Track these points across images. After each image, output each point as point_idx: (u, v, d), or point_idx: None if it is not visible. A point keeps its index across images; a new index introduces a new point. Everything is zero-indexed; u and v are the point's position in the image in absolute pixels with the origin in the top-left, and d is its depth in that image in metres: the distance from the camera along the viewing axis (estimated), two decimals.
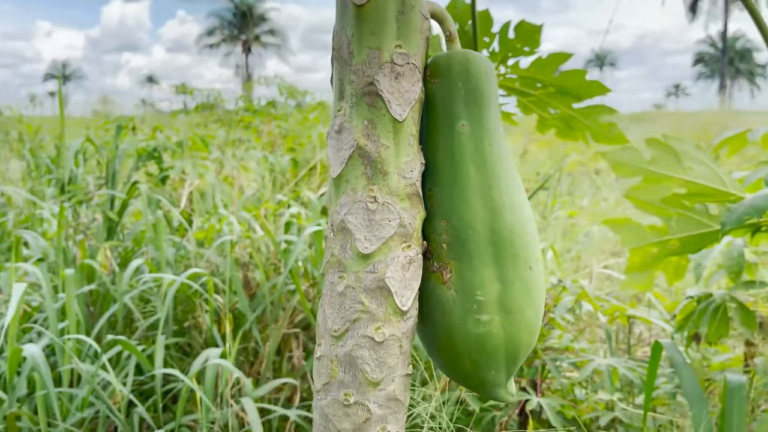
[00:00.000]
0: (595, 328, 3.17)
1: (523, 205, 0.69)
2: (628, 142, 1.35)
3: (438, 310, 0.68)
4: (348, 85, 0.63)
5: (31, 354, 2.06)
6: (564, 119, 1.35)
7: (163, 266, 2.84)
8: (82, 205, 3.55)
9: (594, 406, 2.01)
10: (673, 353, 1.60)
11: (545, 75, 1.27)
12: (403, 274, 0.63)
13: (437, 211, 0.68)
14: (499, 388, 0.69)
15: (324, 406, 0.62)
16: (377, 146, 0.62)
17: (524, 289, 0.67)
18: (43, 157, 5.44)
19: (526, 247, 0.68)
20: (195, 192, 3.65)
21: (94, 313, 2.83)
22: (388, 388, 0.62)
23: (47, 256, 2.99)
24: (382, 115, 0.62)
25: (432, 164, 0.69)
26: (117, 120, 3.72)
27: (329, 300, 0.63)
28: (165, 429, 2.01)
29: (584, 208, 5.43)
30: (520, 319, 0.67)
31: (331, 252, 0.64)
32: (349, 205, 0.63)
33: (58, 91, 3.71)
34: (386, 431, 0.62)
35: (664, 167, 1.39)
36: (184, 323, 2.87)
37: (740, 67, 67.09)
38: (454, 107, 0.68)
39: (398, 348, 0.63)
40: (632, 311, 2.19)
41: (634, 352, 2.76)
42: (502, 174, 0.68)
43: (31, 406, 2.23)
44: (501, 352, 0.67)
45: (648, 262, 1.63)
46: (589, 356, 2.04)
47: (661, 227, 1.56)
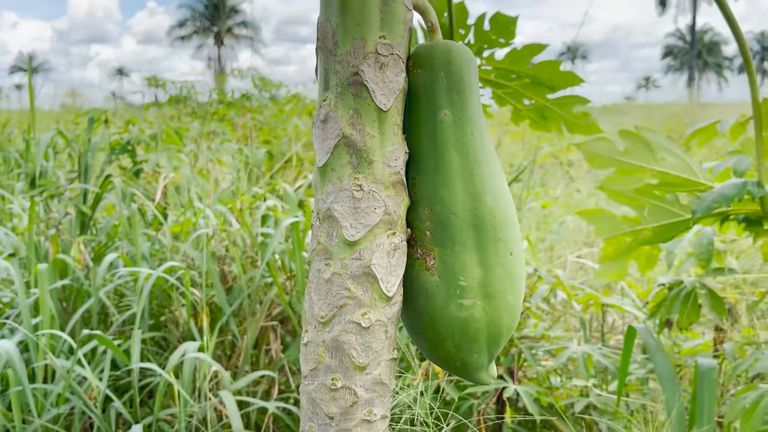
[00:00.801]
0: (569, 317, 3.22)
1: (503, 191, 0.71)
2: (601, 132, 1.37)
3: (422, 295, 0.69)
4: (333, 75, 0.64)
5: (6, 350, 2.03)
6: (538, 110, 1.37)
7: (138, 260, 2.81)
8: (54, 199, 3.49)
9: (569, 393, 2.05)
10: (646, 338, 1.64)
11: (520, 66, 1.29)
12: (388, 261, 0.64)
13: (421, 199, 0.70)
14: (481, 370, 0.71)
15: (311, 391, 0.63)
16: (362, 135, 0.63)
17: (505, 273, 0.69)
18: (11, 151, 5.34)
19: (507, 231, 0.70)
20: (170, 185, 3.61)
21: (68, 309, 2.80)
22: (374, 372, 0.63)
23: (18, 252, 2.94)
24: (367, 104, 0.63)
25: (415, 153, 0.70)
26: (89, 112, 3.67)
27: (316, 287, 0.64)
28: (143, 424, 2.00)
29: (557, 200, 5.50)
30: (502, 303, 0.69)
31: (317, 240, 0.65)
32: (335, 193, 0.64)
33: (28, 83, 3.64)
34: (372, 414, 0.63)
35: (637, 158, 1.43)
36: (160, 318, 2.85)
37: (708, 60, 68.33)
38: (436, 97, 0.70)
39: (384, 333, 0.64)
40: (606, 299, 2.24)
41: (607, 340, 2.82)
42: (484, 161, 0.70)
43: (4, 403, 2.20)
44: (483, 335, 0.69)
45: (621, 251, 1.66)
46: (564, 344, 2.08)
47: (634, 217, 1.59)
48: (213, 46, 65.40)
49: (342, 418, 0.62)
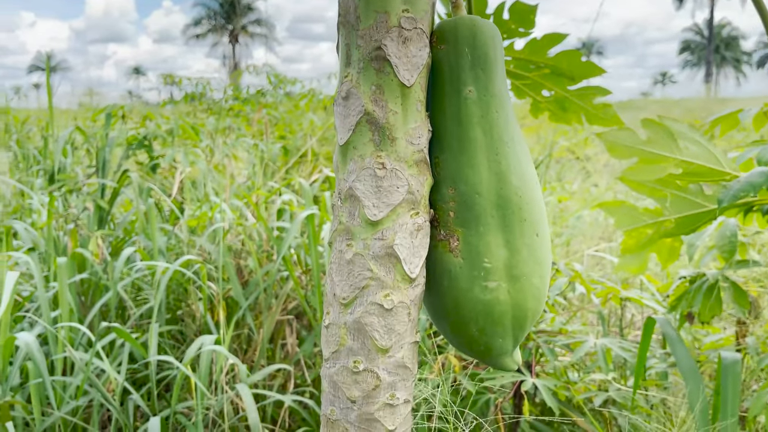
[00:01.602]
0: (587, 312, 3.19)
1: (529, 171, 0.69)
2: (622, 124, 1.35)
3: (445, 277, 0.68)
4: (355, 50, 0.63)
5: (25, 342, 2.05)
6: (558, 101, 1.35)
7: (155, 255, 2.83)
8: (72, 194, 3.52)
9: (588, 387, 2.03)
10: (666, 329, 1.62)
11: (539, 56, 1.27)
12: (411, 241, 0.63)
13: (444, 178, 0.68)
14: (505, 355, 0.69)
15: (333, 374, 0.62)
16: (385, 112, 0.62)
17: (531, 255, 0.68)
18: (30, 148, 5.39)
19: (533, 212, 0.68)
20: (186, 180, 3.62)
21: (86, 303, 2.81)
22: (397, 355, 0.62)
23: (38, 246, 2.97)
24: (390, 80, 0.62)
25: (439, 132, 0.68)
26: (107, 108, 3.69)
27: (337, 268, 0.63)
28: (160, 416, 2.01)
29: (574, 194, 5.45)
30: (527, 286, 0.68)
31: (339, 220, 0.64)
32: (357, 171, 0.62)
33: (47, 82, 3.67)
34: (395, 398, 0.62)
35: (660, 147, 1.40)
36: (176, 311, 2.86)
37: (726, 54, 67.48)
38: (460, 73, 0.68)
39: (407, 315, 0.63)
40: (625, 293, 2.21)
41: (626, 335, 2.78)
42: (509, 139, 0.68)
43: (24, 396, 2.22)
44: (508, 318, 0.67)
45: (642, 243, 1.64)
46: (582, 338, 2.05)
47: (655, 209, 1.57)
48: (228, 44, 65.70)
49: (364, 401, 0.61)
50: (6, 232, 2.78)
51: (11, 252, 2.61)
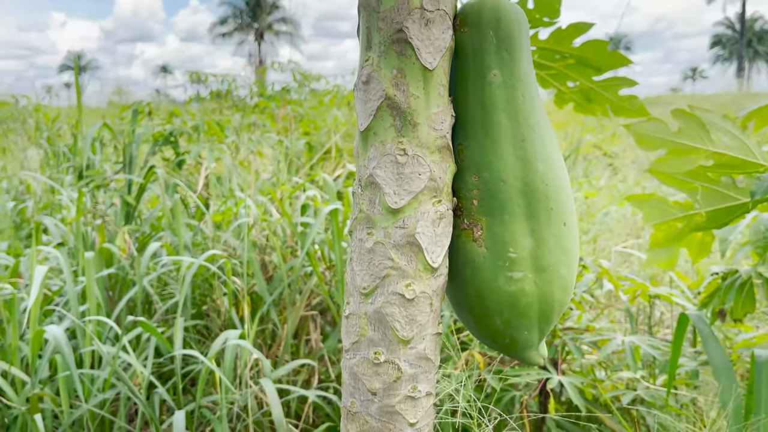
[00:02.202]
0: (614, 309, 3.14)
1: (556, 158, 0.67)
2: (649, 115, 1.32)
3: (468, 267, 0.66)
4: (376, 33, 0.61)
5: (54, 335, 2.08)
6: (583, 92, 1.32)
7: (180, 250, 2.85)
8: (100, 190, 3.57)
9: (615, 385, 1.99)
10: (699, 325, 1.57)
11: (564, 46, 1.24)
12: (433, 230, 0.61)
13: (467, 166, 0.66)
14: (530, 349, 0.67)
15: (353, 366, 0.61)
16: (406, 96, 0.60)
17: (558, 245, 0.65)
18: (60, 145, 5.48)
19: (560, 200, 0.66)
20: (211, 176, 3.65)
21: (114, 297, 2.85)
22: (418, 347, 0.61)
23: (67, 242, 3.01)
24: (412, 63, 0.60)
25: (462, 117, 0.67)
26: (133, 105, 3.73)
27: (358, 257, 0.62)
28: (185, 410, 2.02)
29: (601, 189, 5.38)
30: (554, 277, 0.65)
31: (359, 208, 0.62)
32: (377, 158, 0.61)
33: (75, 79, 3.72)
34: (417, 391, 0.61)
35: (691, 138, 1.36)
36: (202, 306, 2.88)
37: (759, 49, 65.99)
38: (484, 56, 0.66)
39: (429, 306, 0.61)
40: (655, 290, 2.16)
41: (655, 333, 2.73)
42: (535, 125, 0.66)
43: (53, 389, 2.25)
44: (534, 310, 0.65)
45: (672, 237, 1.60)
46: (609, 335, 2.02)
47: (685, 202, 1.53)
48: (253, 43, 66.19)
49: (385, 393, 0.59)
50: (36, 227, 2.82)
51: (41, 247, 2.65)
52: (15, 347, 2.19)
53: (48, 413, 2.16)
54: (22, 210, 3.83)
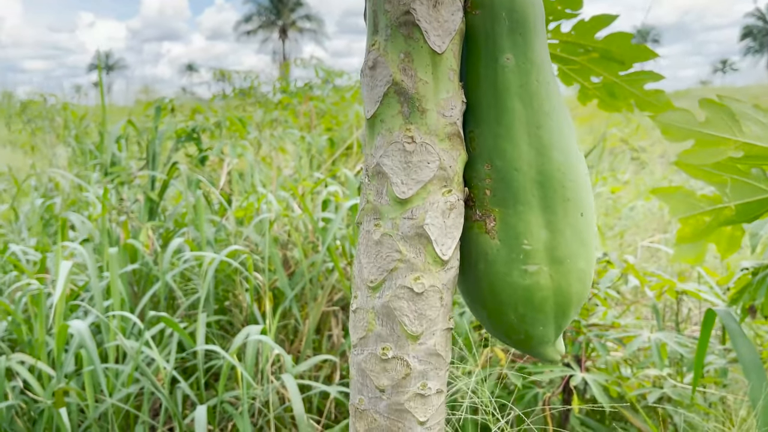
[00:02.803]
0: (640, 306, 3.08)
1: (573, 146, 0.64)
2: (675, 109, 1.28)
3: (481, 260, 0.63)
4: (382, 16, 0.59)
5: (78, 330, 2.10)
6: (607, 87, 1.28)
7: (203, 245, 2.86)
8: (124, 186, 3.60)
9: (641, 383, 1.95)
10: (728, 322, 1.53)
11: (588, 39, 1.21)
12: (443, 221, 0.59)
13: (480, 154, 0.63)
14: (546, 345, 0.65)
15: (360, 362, 0.59)
16: (414, 81, 0.58)
17: (575, 236, 0.63)
18: (87, 143, 5.56)
19: (577, 190, 0.63)
20: (234, 172, 3.66)
21: (138, 293, 2.87)
22: (428, 342, 0.58)
23: (92, 238, 3.05)
24: (420, 46, 0.58)
25: (474, 103, 0.64)
26: (156, 102, 3.76)
27: (365, 249, 0.60)
28: (207, 405, 2.03)
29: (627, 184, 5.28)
30: (571, 269, 0.63)
31: (367, 198, 0.60)
32: (384, 146, 0.59)
33: (99, 78, 3.76)
34: (427, 388, 0.59)
35: (719, 129, 1.31)
36: (224, 302, 2.89)
37: None
38: (497, 39, 0.63)
39: (439, 300, 0.59)
40: (682, 286, 2.11)
41: (682, 330, 2.67)
42: (551, 111, 0.63)
43: (78, 383, 2.28)
44: (549, 305, 0.63)
45: (700, 232, 1.55)
46: (635, 332, 1.97)
47: (713, 195, 1.48)
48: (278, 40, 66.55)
49: (394, 390, 0.57)
50: (62, 224, 2.86)
51: (67, 243, 2.68)
52: (42, 342, 2.22)
53: (74, 407, 2.18)
54: (50, 207, 3.89)
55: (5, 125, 7.84)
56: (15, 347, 2.70)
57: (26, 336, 2.38)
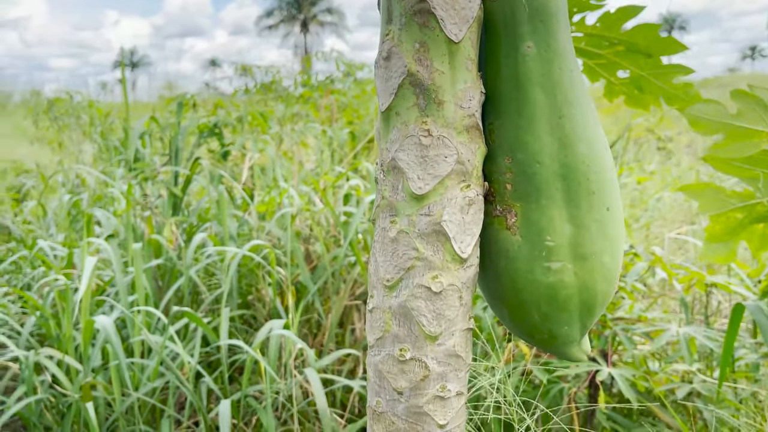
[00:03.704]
0: (668, 299, 3.02)
1: (598, 136, 0.61)
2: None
3: (502, 257, 0.61)
4: (396, 4, 0.57)
5: (103, 325, 2.12)
6: (634, 82, 1.24)
7: (226, 240, 2.87)
8: (148, 182, 3.63)
9: (670, 378, 1.91)
10: (758, 316, 1.49)
11: (613, 31, 1.17)
12: (461, 217, 0.57)
13: (500, 147, 0.61)
14: (571, 345, 0.62)
15: (378, 363, 0.57)
16: (430, 72, 0.55)
17: (601, 231, 0.60)
18: (113, 139, 5.63)
19: (603, 182, 0.60)
20: (256, 167, 3.67)
21: (162, 288, 2.90)
22: (447, 343, 0.56)
23: (118, 233, 3.08)
24: (436, 35, 0.55)
25: (493, 94, 0.61)
26: (178, 98, 3.78)
27: (381, 247, 0.58)
28: (231, 399, 2.04)
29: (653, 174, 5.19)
30: (597, 266, 0.60)
31: (382, 194, 0.58)
32: (400, 140, 0.56)
33: (122, 75, 3.79)
34: (447, 390, 0.57)
35: (752, 121, 1.26)
36: (248, 297, 2.90)
37: None
38: (517, 27, 0.61)
39: (458, 299, 0.57)
40: (711, 278, 2.06)
41: (712, 324, 2.61)
42: (574, 100, 0.60)
43: (105, 377, 2.30)
44: (574, 303, 0.60)
45: (731, 230, 1.50)
46: (663, 326, 1.93)
47: (745, 191, 1.43)
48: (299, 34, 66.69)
49: (412, 393, 0.56)
50: (87, 219, 2.89)
51: (93, 239, 2.71)
52: (69, 336, 2.25)
53: (101, 401, 2.21)
54: (76, 202, 3.94)
55: (33, 123, 7.97)
56: (44, 342, 2.75)
57: (54, 331, 2.41)
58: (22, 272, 3.31)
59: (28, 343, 2.50)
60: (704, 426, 1.87)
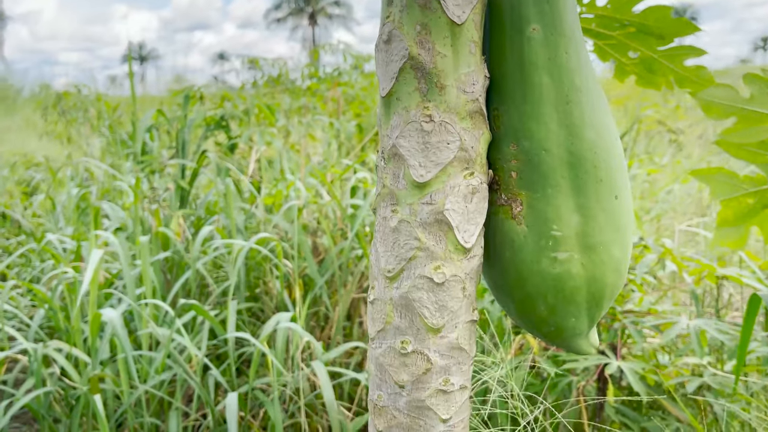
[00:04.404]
0: (678, 291, 2.99)
1: (607, 123, 0.59)
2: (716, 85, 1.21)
3: (507, 248, 0.59)
4: None
5: (110, 318, 2.12)
6: (645, 63, 1.22)
7: (233, 233, 2.87)
8: (155, 175, 3.63)
9: (680, 372, 1.89)
10: None
11: (624, 13, 1.14)
12: (465, 206, 0.55)
13: (505, 134, 0.59)
14: (579, 337, 0.60)
15: (379, 356, 0.56)
16: (432, 55, 0.53)
17: (609, 221, 0.58)
18: (121, 133, 5.64)
19: (611, 171, 0.58)
20: (263, 160, 3.66)
21: (171, 280, 2.90)
22: (450, 336, 0.55)
23: (126, 226, 3.08)
24: (438, 17, 0.53)
25: (498, 79, 0.59)
26: (184, 90, 3.77)
27: (382, 237, 0.56)
28: (238, 392, 2.03)
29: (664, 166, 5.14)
30: (605, 257, 0.58)
31: (383, 183, 0.56)
32: (401, 126, 0.54)
33: (129, 69, 3.79)
34: (450, 384, 0.55)
35: (764, 106, 1.24)
36: (255, 289, 2.90)
37: None
38: (522, 8, 0.58)
39: (461, 290, 0.55)
40: (722, 270, 2.03)
41: (723, 316, 2.58)
42: (582, 85, 0.58)
43: (114, 370, 2.31)
44: (582, 295, 0.58)
45: (743, 215, 1.48)
46: (673, 319, 1.91)
47: (757, 176, 1.41)
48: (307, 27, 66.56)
49: (414, 386, 0.54)
50: (95, 213, 2.89)
51: (100, 231, 2.71)
52: (77, 329, 2.25)
53: (109, 393, 2.21)
54: (85, 195, 3.95)
55: (41, 117, 8.00)
56: (53, 335, 2.76)
57: (63, 324, 2.42)
58: (31, 265, 3.32)
59: (37, 335, 2.51)
60: (715, 420, 1.85)
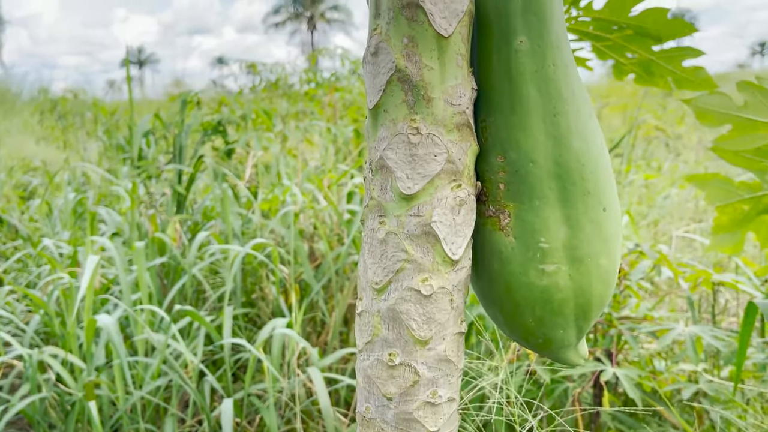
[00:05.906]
0: (675, 297, 2.99)
1: (594, 134, 0.59)
2: (716, 87, 1.21)
3: (495, 260, 0.59)
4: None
5: (105, 324, 2.12)
6: (643, 65, 1.22)
7: (229, 238, 2.87)
8: (152, 180, 3.63)
9: (676, 378, 1.89)
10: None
11: (621, 16, 1.15)
12: (452, 218, 0.55)
13: (492, 146, 0.59)
14: (567, 349, 0.60)
15: (367, 368, 0.56)
16: (419, 68, 0.53)
17: (597, 232, 0.58)
18: (118, 137, 5.63)
19: (599, 182, 0.58)
20: (260, 165, 3.66)
21: (167, 285, 2.89)
22: (438, 348, 0.55)
23: (122, 231, 3.08)
24: (425, 30, 0.53)
25: (485, 91, 0.59)
26: (181, 95, 3.77)
27: (369, 249, 0.56)
28: (234, 398, 2.03)
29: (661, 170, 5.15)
30: (593, 268, 0.58)
31: (371, 194, 0.56)
32: (388, 138, 0.54)
33: (126, 74, 3.79)
34: (437, 396, 0.55)
35: (758, 113, 1.24)
36: (251, 295, 2.89)
37: None
38: (510, 20, 0.58)
39: (449, 302, 0.55)
40: (718, 277, 2.03)
41: (719, 323, 2.58)
42: (569, 96, 0.58)
43: (109, 376, 2.30)
44: (570, 306, 0.58)
45: (738, 221, 1.48)
46: (669, 325, 1.91)
47: (753, 182, 1.41)
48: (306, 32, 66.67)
49: (401, 399, 0.54)
50: (91, 218, 2.89)
51: (96, 237, 2.71)
52: (72, 335, 2.25)
53: (105, 399, 2.20)
54: (81, 200, 3.94)
55: (38, 122, 7.99)
56: (49, 340, 2.75)
57: (59, 329, 2.41)
58: (27, 270, 3.32)
59: (33, 341, 2.51)
60: (711, 427, 1.85)
